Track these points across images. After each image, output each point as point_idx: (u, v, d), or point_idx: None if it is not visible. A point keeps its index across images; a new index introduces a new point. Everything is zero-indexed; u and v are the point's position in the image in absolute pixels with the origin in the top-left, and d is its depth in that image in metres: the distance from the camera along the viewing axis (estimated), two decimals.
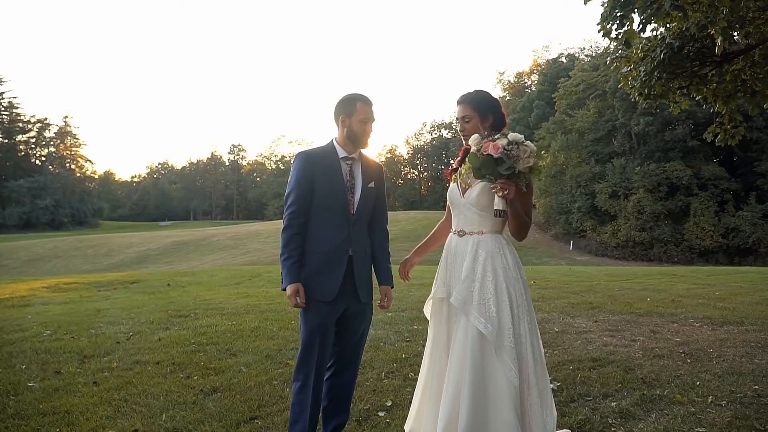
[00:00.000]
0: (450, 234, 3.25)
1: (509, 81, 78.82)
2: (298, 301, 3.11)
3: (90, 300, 9.75)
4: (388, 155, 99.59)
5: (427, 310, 3.31)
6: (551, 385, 4.24)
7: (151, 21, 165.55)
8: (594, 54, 64.22)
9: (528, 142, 2.94)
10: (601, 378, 4.45)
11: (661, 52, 6.43)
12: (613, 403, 3.94)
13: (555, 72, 64.61)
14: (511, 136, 2.91)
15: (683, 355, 5.16)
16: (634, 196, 43.04)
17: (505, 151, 2.86)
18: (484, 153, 2.87)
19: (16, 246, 47.58)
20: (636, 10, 5.15)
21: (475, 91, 3.24)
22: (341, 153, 3.26)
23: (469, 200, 3.12)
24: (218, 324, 6.76)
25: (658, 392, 4.11)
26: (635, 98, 7.30)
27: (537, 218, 52.70)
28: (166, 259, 40.36)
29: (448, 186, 3.35)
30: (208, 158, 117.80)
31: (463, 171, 3.11)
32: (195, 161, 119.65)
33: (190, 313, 7.57)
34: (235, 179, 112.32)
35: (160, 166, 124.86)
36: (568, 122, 51.13)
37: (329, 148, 3.28)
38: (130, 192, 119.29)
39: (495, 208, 2.96)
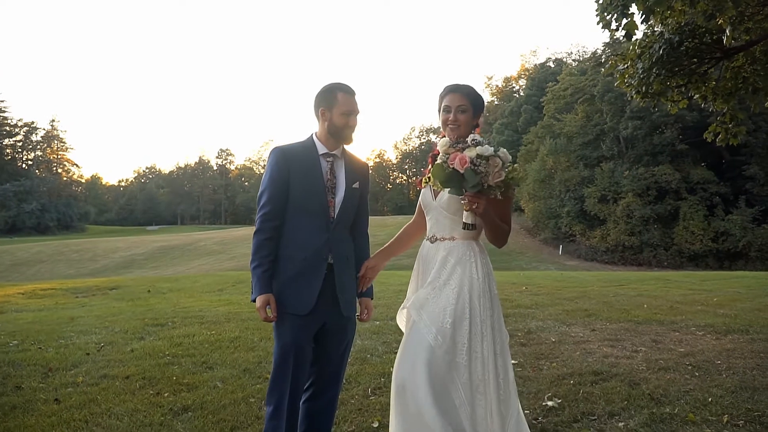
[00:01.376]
0: (424, 240, 2.99)
1: (497, 86, 78.92)
2: (269, 314, 2.76)
3: (65, 307, 9.33)
4: (377, 160, 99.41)
5: (401, 320, 3.01)
6: (551, 403, 3.96)
7: (139, 25, 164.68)
8: (581, 58, 64.48)
9: (501, 153, 2.66)
10: (605, 394, 4.13)
11: (660, 47, 6.14)
12: (621, 423, 3.61)
13: (543, 76, 64.70)
14: (480, 149, 2.62)
15: (690, 367, 4.85)
16: (623, 200, 42.95)
17: (473, 167, 2.58)
18: (450, 166, 2.60)
19: (1, 250, 46.77)
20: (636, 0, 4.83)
21: (466, 85, 2.95)
22: (321, 149, 2.93)
23: (440, 203, 2.86)
24: (196, 333, 6.39)
25: (667, 410, 3.79)
26: (632, 97, 7.01)
27: (526, 223, 52.60)
28: (152, 264, 39.76)
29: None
30: (196, 163, 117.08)
31: (431, 178, 2.82)
32: (183, 165, 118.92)
33: (168, 322, 7.19)
34: (223, 184, 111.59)
35: (147, 171, 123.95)
36: (556, 126, 51.06)
37: (308, 144, 2.94)
38: (117, 196, 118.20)
39: (463, 221, 2.71)
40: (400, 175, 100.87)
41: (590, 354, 5.36)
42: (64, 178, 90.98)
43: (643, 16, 4.90)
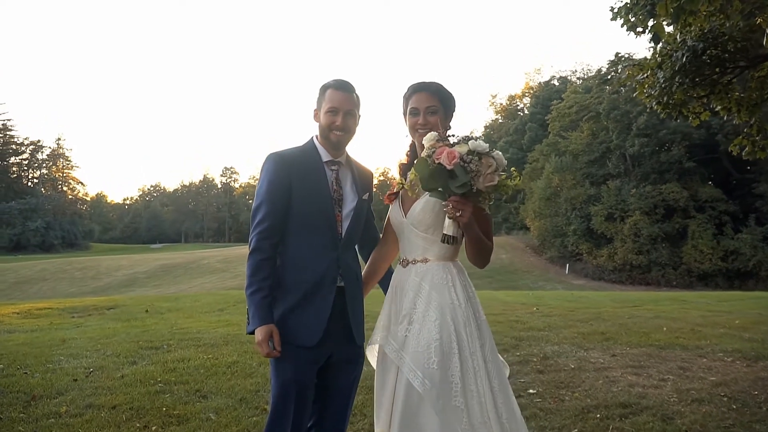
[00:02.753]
0: (397, 264, 2.60)
1: (501, 104, 78.70)
2: (272, 348, 2.35)
3: (59, 328, 8.97)
4: (381, 178, 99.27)
5: (372, 356, 2.61)
6: None
7: (145, 44, 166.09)
8: (586, 76, 64.33)
9: (496, 153, 2.29)
10: (637, 430, 3.74)
11: (683, 55, 5.81)
12: None
13: (547, 94, 64.55)
14: (473, 144, 2.26)
15: (726, 399, 4.46)
16: (630, 219, 42.42)
17: (462, 164, 2.20)
18: (436, 161, 2.22)
19: (4, 268, 46.45)
20: None
21: (434, 82, 2.58)
22: (324, 155, 2.55)
23: (411, 220, 2.47)
24: (192, 358, 6.03)
25: None
26: (653, 107, 6.68)
27: (531, 241, 52.06)
28: (155, 282, 39.40)
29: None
30: (200, 181, 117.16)
31: (411, 178, 2.42)
32: (187, 183, 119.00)
33: (163, 344, 6.83)
34: (227, 201, 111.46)
35: (152, 189, 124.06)
36: (561, 144, 50.77)
37: (309, 148, 2.56)
38: (122, 214, 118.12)
39: (444, 232, 2.31)
40: None
41: (614, 383, 4.97)
42: (69, 196, 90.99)
43: (674, 16, 4.56)
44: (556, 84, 67.77)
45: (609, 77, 49.42)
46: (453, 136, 2.40)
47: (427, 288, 2.41)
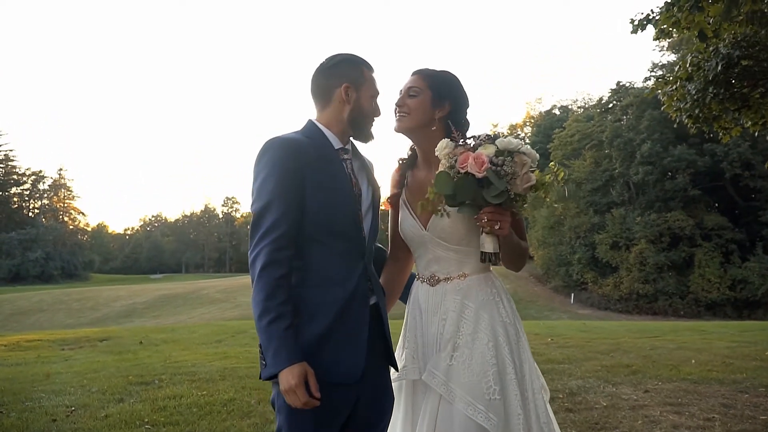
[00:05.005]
0: (416, 282, 2.16)
1: (503, 133, 78.56)
2: (311, 394, 1.75)
3: (46, 361, 8.45)
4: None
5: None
6: None
7: (145, 76, 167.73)
8: (587, 105, 64.37)
9: (525, 148, 1.87)
10: None
11: (717, 64, 5.39)
12: None
13: (549, 123, 64.57)
14: (502, 142, 1.84)
15: None
16: (635, 247, 41.85)
17: (494, 167, 1.79)
18: (461, 170, 1.80)
19: (1, 299, 45.87)
20: None
21: (436, 69, 2.17)
22: (335, 142, 2.03)
23: (436, 233, 2.04)
24: (184, 394, 5.52)
25: None
26: (683, 121, 6.25)
27: (535, 270, 51.45)
28: (154, 312, 38.76)
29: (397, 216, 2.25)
30: (201, 211, 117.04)
31: (429, 196, 1.95)
32: (188, 214, 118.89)
33: (154, 380, 6.31)
34: (228, 232, 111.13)
35: (153, 219, 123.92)
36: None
37: (315, 134, 2.00)
38: (123, 245, 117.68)
39: (483, 250, 1.89)
40: None
41: (655, 423, 4.44)
42: (70, 227, 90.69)
43: (725, 12, 4.14)
44: (557, 113, 67.88)
45: (611, 106, 49.47)
46: (470, 138, 1.97)
47: (473, 307, 2.00)
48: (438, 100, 2.12)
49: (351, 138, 2.09)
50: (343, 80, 2.01)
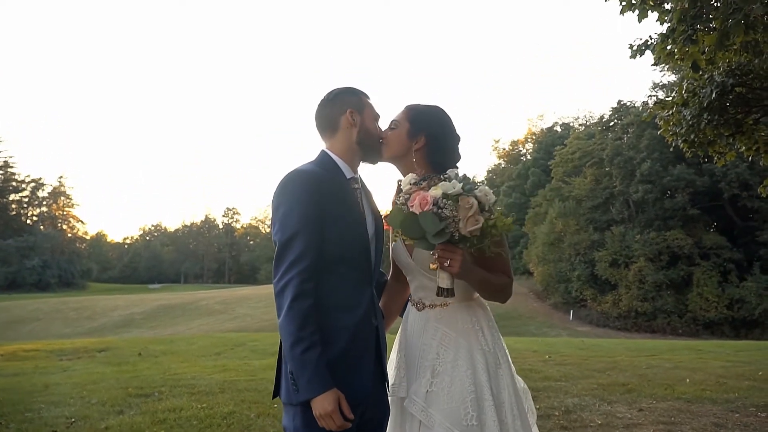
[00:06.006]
0: (409, 304, 2.26)
1: (504, 149, 79.07)
2: (346, 417, 1.90)
3: (44, 371, 8.49)
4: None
5: None
6: None
7: (147, 84, 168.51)
8: (588, 123, 64.69)
9: (479, 191, 1.91)
10: None
11: (711, 91, 5.52)
12: None
13: (550, 140, 64.84)
14: (445, 185, 1.90)
15: None
16: (634, 265, 41.88)
17: (436, 209, 1.86)
18: (410, 208, 1.89)
19: None
20: (712, 21, 4.21)
21: (428, 105, 2.27)
22: (347, 172, 2.15)
23: (419, 263, 2.13)
24: (184, 407, 5.57)
25: None
26: (679, 146, 6.37)
27: (535, 286, 51.45)
28: (151, 323, 38.69)
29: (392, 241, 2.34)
30: (201, 221, 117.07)
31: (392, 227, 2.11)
32: (189, 224, 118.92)
33: (154, 392, 6.37)
34: (228, 242, 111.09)
35: (153, 228, 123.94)
36: (565, 189, 50.67)
37: (329, 165, 2.13)
38: (122, 254, 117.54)
39: (438, 285, 1.97)
40: None
41: None
42: (69, 235, 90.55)
43: (718, 42, 4.25)
44: (559, 130, 68.18)
45: (612, 124, 49.75)
46: (436, 176, 2.07)
47: (453, 335, 2.09)
48: (414, 133, 2.20)
49: (361, 161, 2.22)
50: (346, 107, 2.16)
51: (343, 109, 2.16)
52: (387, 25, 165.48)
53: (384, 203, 2.31)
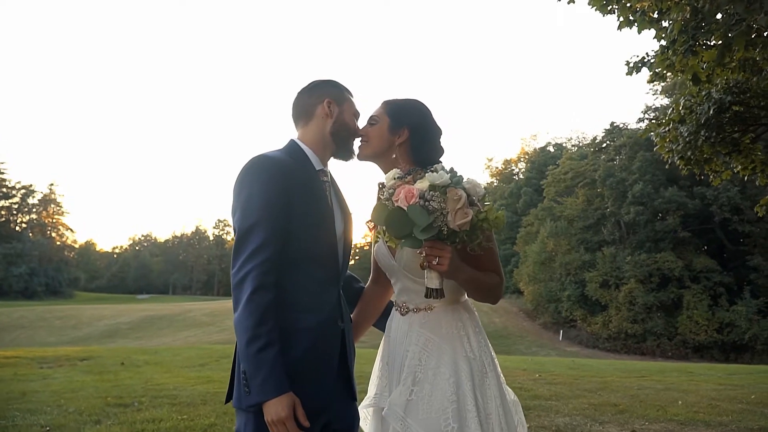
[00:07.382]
0: (393, 309, 2.14)
1: (497, 167, 79.42)
2: (301, 425, 1.75)
3: (23, 379, 8.28)
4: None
5: (366, 420, 2.15)
6: None
7: (139, 93, 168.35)
8: (581, 144, 65.11)
9: (467, 183, 1.80)
10: None
11: (709, 108, 5.48)
12: None
13: (543, 160, 65.18)
14: (432, 176, 1.79)
15: None
16: (625, 286, 41.93)
17: (423, 203, 1.73)
18: (395, 203, 1.77)
19: None
20: (713, 34, 4.15)
21: (406, 98, 2.16)
22: (317, 163, 2.02)
23: (402, 264, 2.00)
24: (164, 418, 5.40)
25: None
26: (675, 163, 6.31)
27: (525, 305, 51.34)
28: (137, 333, 38.25)
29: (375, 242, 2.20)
30: (192, 232, 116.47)
31: (371, 226, 2.00)
32: (179, 234, 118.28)
33: (134, 402, 6.19)
34: (218, 254, 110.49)
35: (143, 238, 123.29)
36: (556, 209, 50.84)
37: (298, 155, 2.00)
38: (110, 263, 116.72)
39: (426, 286, 1.84)
40: None
41: None
42: (57, 243, 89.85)
43: (718, 55, 4.20)
44: (552, 150, 68.54)
45: (604, 145, 50.06)
46: (421, 170, 1.94)
47: (437, 340, 1.96)
48: (396, 128, 2.10)
49: (333, 155, 2.09)
50: (325, 97, 2.05)
51: (321, 99, 2.05)
52: (381, 44, 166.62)
53: (357, 207, 2.20)
